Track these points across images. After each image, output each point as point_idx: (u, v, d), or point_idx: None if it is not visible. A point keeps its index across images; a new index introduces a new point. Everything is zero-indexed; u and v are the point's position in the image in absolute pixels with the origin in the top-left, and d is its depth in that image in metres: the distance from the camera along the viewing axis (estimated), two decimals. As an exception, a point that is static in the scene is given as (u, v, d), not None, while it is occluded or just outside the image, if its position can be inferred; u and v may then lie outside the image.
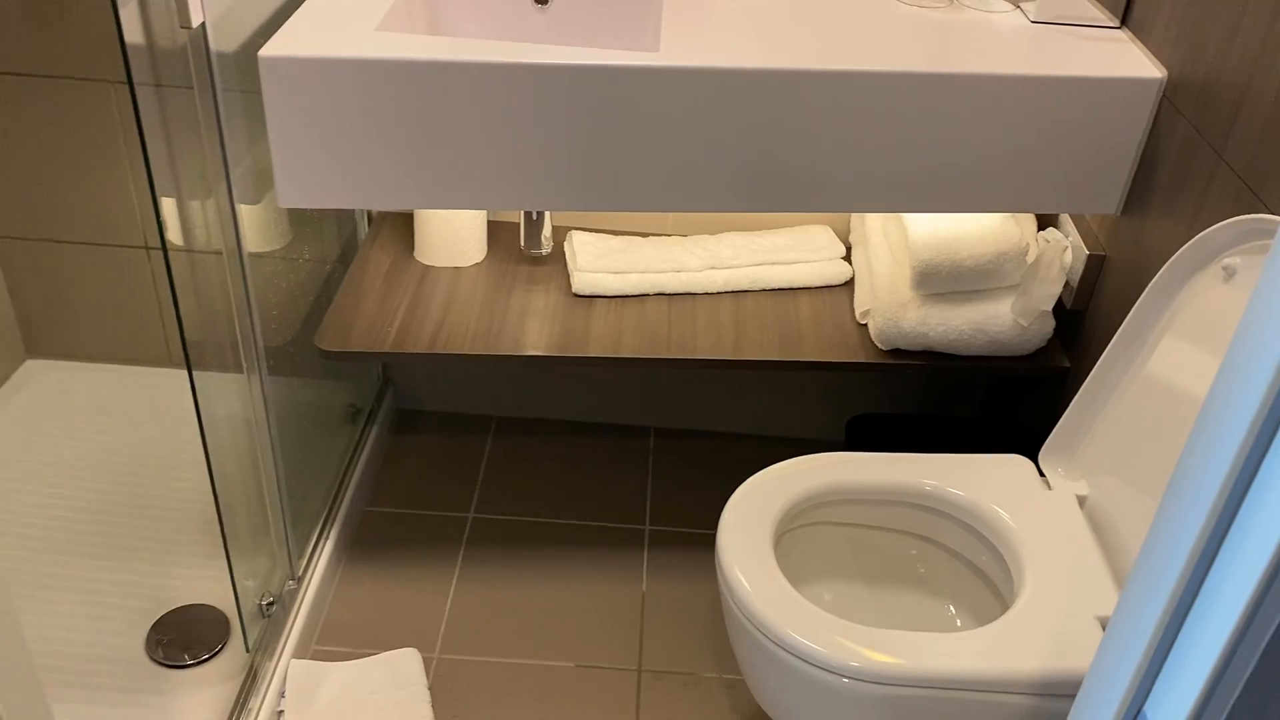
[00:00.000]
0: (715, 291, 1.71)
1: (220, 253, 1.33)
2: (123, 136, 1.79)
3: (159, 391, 2.02)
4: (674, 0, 1.48)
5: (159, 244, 1.89)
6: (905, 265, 1.53)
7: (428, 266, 1.73)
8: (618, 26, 1.57)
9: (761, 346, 1.59)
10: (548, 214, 1.73)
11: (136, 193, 1.85)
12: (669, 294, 1.70)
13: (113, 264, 1.93)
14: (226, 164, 1.25)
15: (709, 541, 1.86)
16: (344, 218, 1.82)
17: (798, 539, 1.36)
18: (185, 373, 2.02)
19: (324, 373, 1.77)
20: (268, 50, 1.24)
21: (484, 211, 1.74)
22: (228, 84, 1.24)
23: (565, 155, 1.33)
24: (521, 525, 1.87)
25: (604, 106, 1.30)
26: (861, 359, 1.57)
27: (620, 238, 1.76)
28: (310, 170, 1.32)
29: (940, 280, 1.49)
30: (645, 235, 1.80)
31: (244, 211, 1.36)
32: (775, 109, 1.31)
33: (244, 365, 1.43)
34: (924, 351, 1.56)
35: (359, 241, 1.85)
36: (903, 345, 1.56)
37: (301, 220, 1.63)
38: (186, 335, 1.26)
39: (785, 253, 1.73)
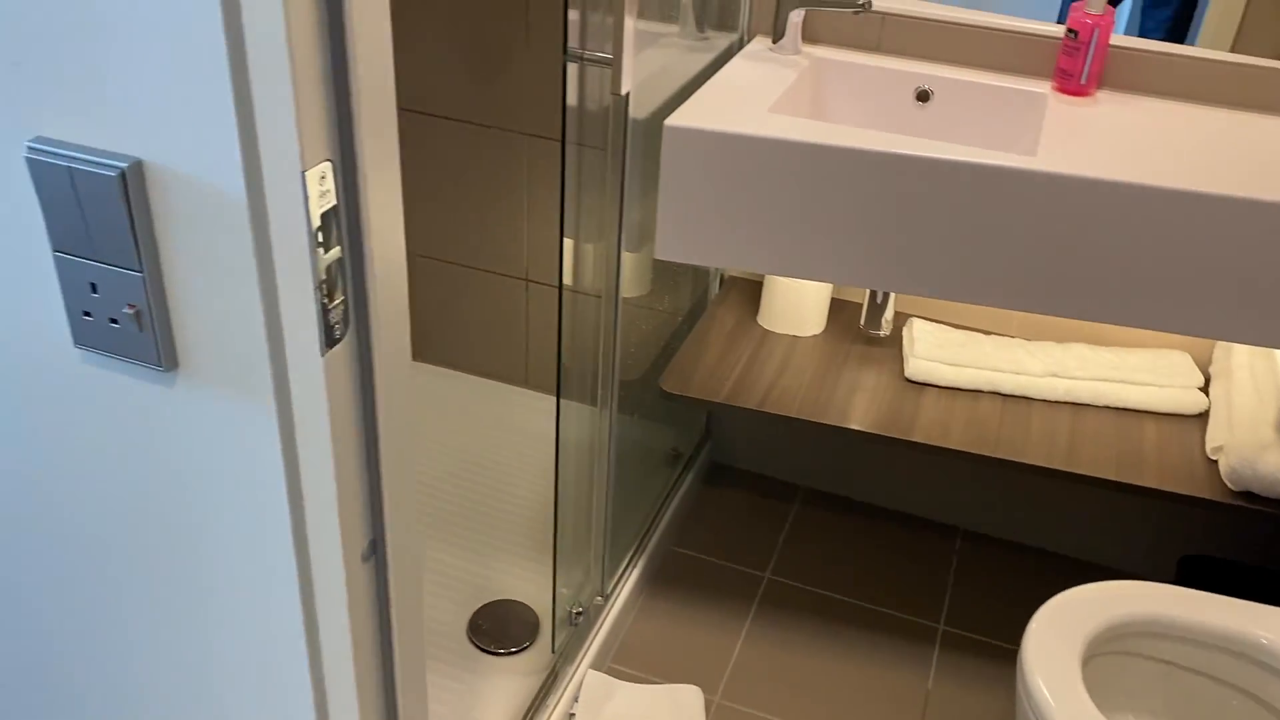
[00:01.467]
0: (1054, 400, 1.68)
1: (599, 296, 1.49)
2: (525, 182, 2.04)
3: (511, 407, 2.26)
4: (1056, 109, 1.50)
5: (540, 278, 2.13)
6: (1272, 406, 1.45)
7: (768, 331, 1.83)
8: (996, 129, 1.61)
9: (1096, 463, 1.55)
10: (892, 297, 1.78)
11: (528, 231, 2.09)
12: (1004, 394, 1.69)
13: (494, 290, 2.19)
14: (621, 217, 1.41)
15: (1004, 655, 1.80)
16: (699, 276, 1.96)
17: (1107, 665, 1.31)
18: (537, 394, 2.26)
19: (656, 415, 1.91)
20: (673, 120, 1.39)
21: (830, 287, 1.82)
22: (633, 146, 1.41)
23: (924, 243, 1.38)
24: (815, 596, 1.91)
25: (972, 202, 1.34)
26: (1207, 496, 1.48)
27: (961, 331, 1.78)
28: (688, 228, 1.46)
29: (1311, 426, 1.39)
30: (987, 333, 1.80)
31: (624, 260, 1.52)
32: (1148, 225, 1.30)
33: (598, 398, 1.58)
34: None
35: (708, 300, 1.98)
36: (1256, 489, 1.46)
37: (662, 273, 1.78)
38: (562, 365, 1.43)
39: (1137, 373, 1.67)
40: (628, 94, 1.27)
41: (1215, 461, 1.54)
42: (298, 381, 0.70)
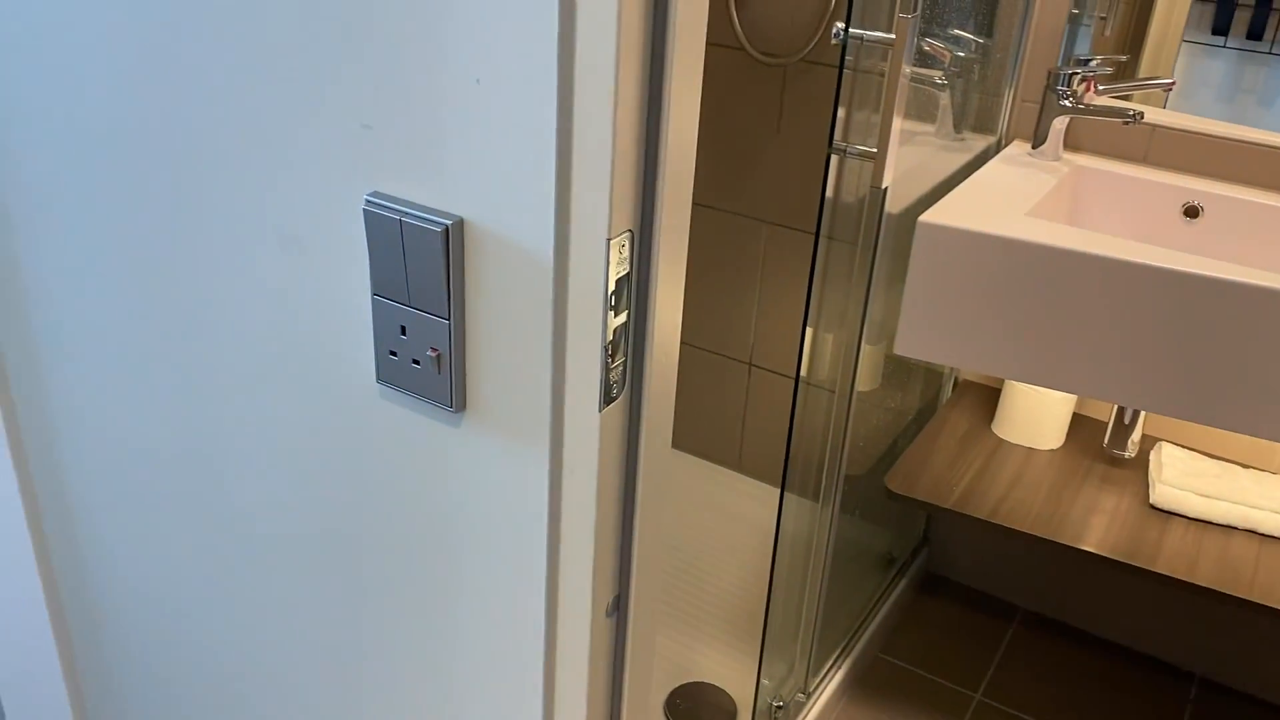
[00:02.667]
0: (1321, 546, 1.54)
1: (832, 390, 1.50)
2: (760, 268, 2.08)
3: (722, 488, 2.27)
4: (1347, 233, 1.41)
5: (764, 364, 2.15)
6: None
7: (1003, 441, 1.77)
8: (1270, 249, 1.52)
9: (1370, 621, 1.40)
10: (1141, 418, 1.69)
11: (757, 317, 2.13)
12: (1262, 533, 1.56)
13: (717, 371, 2.23)
14: (865, 312, 1.41)
15: (1243, 821, 1.64)
16: (930, 376, 1.93)
17: None
18: (750, 479, 2.26)
19: (872, 515, 1.87)
20: (927, 217, 1.39)
21: (1072, 400, 1.75)
22: (883, 240, 1.42)
23: (1188, 364, 1.31)
24: (1029, 725, 1.80)
25: (1252, 328, 1.27)
26: None
27: (1215, 461, 1.66)
28: (932, 326, 1.44)
29: None
30: (1245, 465, 1.68)
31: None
32: None
33: (820, 492, 1.57)
34: None
35: (940, 402, 1.94)
36: None
37: (893, 370, 1.76)
38: (790, 455, 1.43)
39: None
40: (886, 188, 1.29)
41: None
42: (572, 433, 0.74)
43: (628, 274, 0.70)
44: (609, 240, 0.66)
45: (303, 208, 0.77)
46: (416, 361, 0.77)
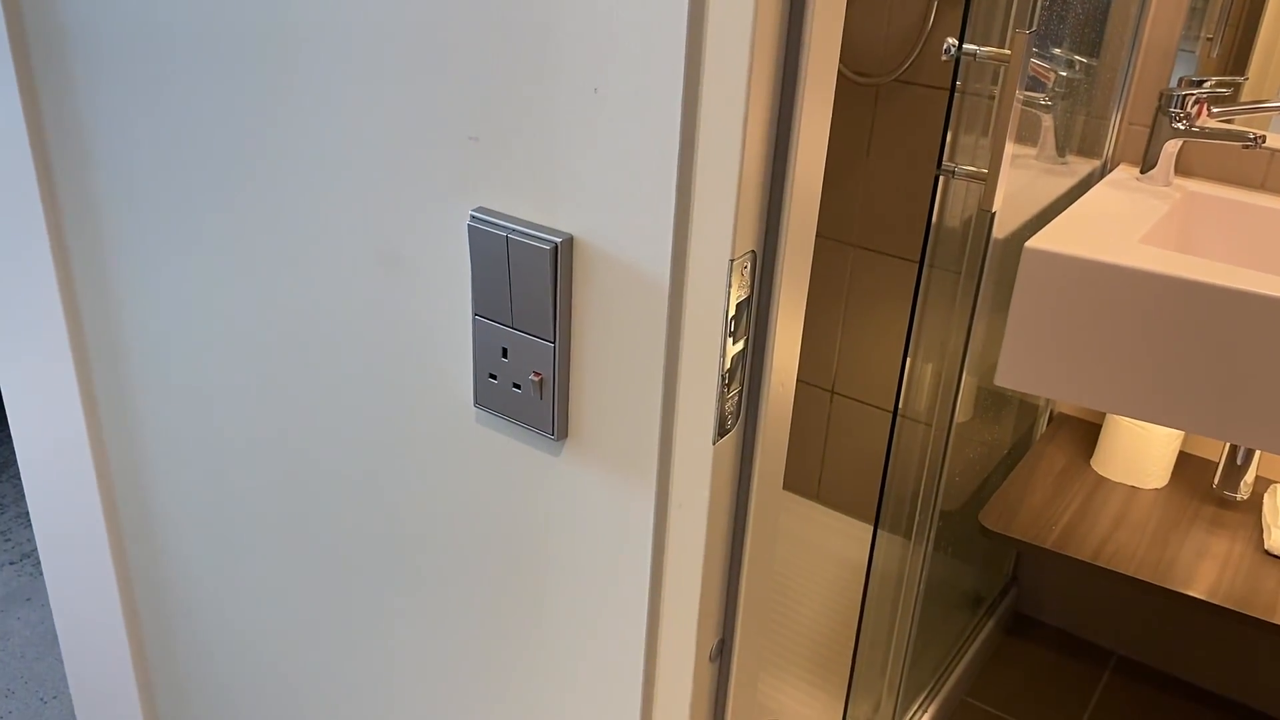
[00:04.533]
0: None
1: (929, 424, 1.43)
2: (846, 293, 2.02)
3: (800, 520, 2.20)
4: None
5: (846, 392, 2.08)
6: None
7: (1103, 478, 1.69)
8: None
9: None
10: (1256, 458, 1.59)
11: (841, 343, 2.07)
12: (1391, 586, 1.46)
13: (798, 398, 2.17)
14: (967, 342, 1.35)
15: None
16: (1025, 409, 1.85)
17: None
18: (829, 510, 2.19)
19: (961, 552, 1.80)
20: (1034, 243, 1.33)
21: (1180, 437, 1.66)
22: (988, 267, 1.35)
23: (1320, 403, 1.23)
24: (1127, 780, 1.70)
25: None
26: None
27: (1338, 507, 1.56)
28: (1036, 356, 1.37)
29: None
30: (1370, 513, 1.57)
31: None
32: None
33: (913, 528, 1.50)
34: None
35: (1034, 437, 1.86)
36: None
37: (986, 402, 1.69)
38: (885, 491, 1.37)
39: None
40: (994, 212, 1.23)
41: None
42: (682, 467, 0.69)
43: (748, 298, 0.65)
44: (732, 261, 0.62)
45: (403, 223, 0.74)
46: (518, 386, 0.73)
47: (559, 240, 0.67)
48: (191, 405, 0.97)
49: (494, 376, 0.74)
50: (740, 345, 0.66)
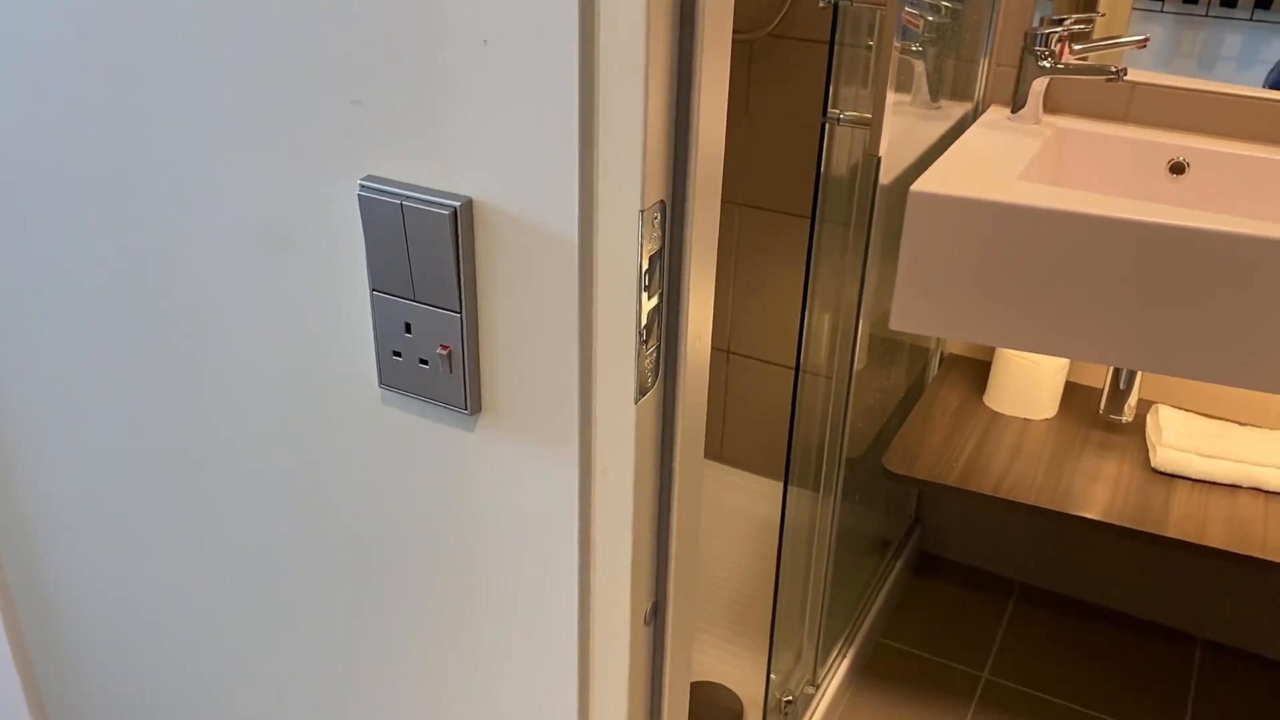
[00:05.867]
0: (1326, 499, 1.52)
1: (829, 376, 1.44)
2: (733, 252, 2.02)
3: (706, 481, 2.21)
4: (1340, 181, 1.39)
5: (742, 350, 2.09)
6: None
7: (996, 413, 1.74)
8: (1258, 199, 1.50)
9: (1386, 572, 1.38)
10: (1137, 381, 1.66)
11: (732, 302, 2.07)
12: (1266, 490, 1.54)
13: (697, 361, 2.17)
14: (861, 291, 1.36)
15: (1262, 782, 1.62)
16: (915, 355, 1.89)
17: None
18: (732, 469, 2.20)
19: (865, 499, 1.83)
20: (919, 186, 1.34)
21: (1066, 368, 1.72)
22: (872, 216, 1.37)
23: (1190, 322, 1.28)
24: (1040, 702, 1.76)
25: (1237, 276, 1.23)
26: None
27: (1213, 420, 1.64)
28: (928, 298, 1.40)
29: None
30: (1242, 423, 1.66)
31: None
32: None
33: (821, 480, 1.52)
34: None
35: (926, 379, 1.90)
36: None
37: (878, 349, 1.72)
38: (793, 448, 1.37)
39: None
40: (880, 157, 1.24)
41: None
42: (605, 430, 0.67)
43: (659, 250, 0.63)
44: (642, 212, 0.60)
45: (286, 201, 0.70)
46: (424, 361, 0.70)
47: (457, 204, 0.64)
48: (79, 404, 0.90)
49: (398, 354, 0.71)
50: (654, 301, 0.64)
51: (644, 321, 0.63)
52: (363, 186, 0.66)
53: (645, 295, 0.63)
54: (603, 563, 0.71)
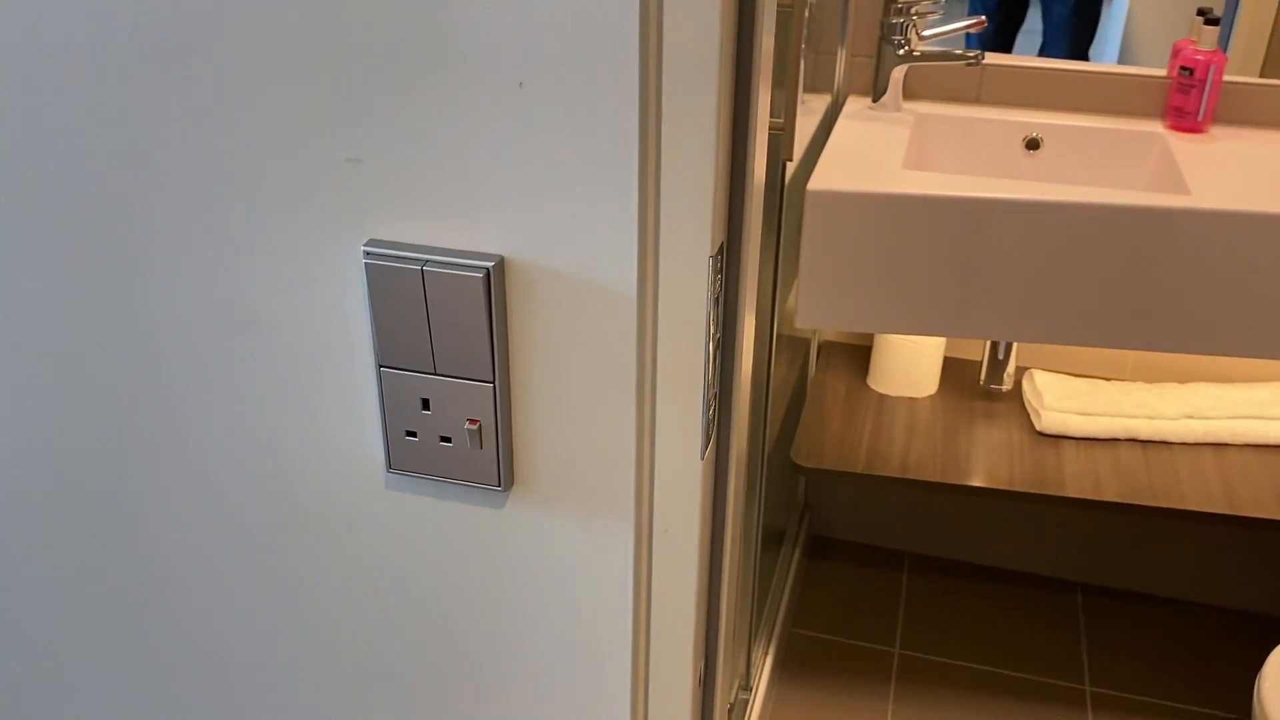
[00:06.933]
0: (1193, 442, 1.64)
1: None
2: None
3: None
4: (1179, 147, 1.49)
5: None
6: None
7: (883, 395, 1.78)
8: (1115, 170, 1.59)
9: (1259, 503, 1.50)
10: (1013, 351, 1.73)
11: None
12: (1142, 440, 1.65)
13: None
14: (774, 294, 1.35)
15: (1161, 711, 1.73)
16: (796, 345, 1.91)
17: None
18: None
19: (771, 495, 1.83)
20: (815, 184, 1.35)
21: (944, 345, 1.77)
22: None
23: (1075, 290, 1.34)
24: (953, 669, 1.82)
25: (1097, 242, 1.31)
26: (1384, 526, 1.44)
27: (1083, 379, 1.74)
28: (832, 294, 1.40)
29: None
30: (1108, 379, 1.76)
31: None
32: (1325, 255, 1.27)
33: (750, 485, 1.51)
34: None
35: (808, 369, 1.93)
36: None
37: (776, 347, 1.72)
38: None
39: (1271, 407, 1.64)
40: (788, 161, 1.23)
41: (1379, 491, 1.50)
42: (667, 488, 0.62)
43: (718, 295, 0.59)
44: (711, 258, 0.55)
45: (264, 276, 0.61)
46: (446, 439, 0.63)
47: (490, 265, 0.57)
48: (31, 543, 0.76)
49: (413, 434, 0.63)
50: (713, 346, 0.60)
51: (713, 372, 0.59)
52: (367, 253, 0.58)
53: (711, 345, 0.58)
54: (661, 630, 0.66)
